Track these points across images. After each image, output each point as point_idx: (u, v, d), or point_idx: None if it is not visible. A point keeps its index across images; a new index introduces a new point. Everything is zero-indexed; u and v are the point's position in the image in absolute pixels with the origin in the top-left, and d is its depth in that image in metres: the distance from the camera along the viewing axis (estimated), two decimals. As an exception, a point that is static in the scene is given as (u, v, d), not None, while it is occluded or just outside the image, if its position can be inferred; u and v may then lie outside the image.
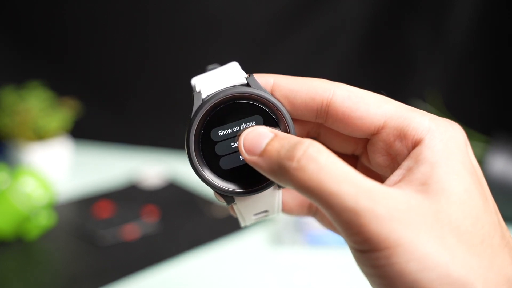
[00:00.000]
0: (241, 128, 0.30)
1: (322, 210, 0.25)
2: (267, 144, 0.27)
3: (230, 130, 0.30)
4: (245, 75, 0.31)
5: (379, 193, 0.24)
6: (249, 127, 0.29)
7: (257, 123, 0.30)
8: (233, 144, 0.30)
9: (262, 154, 0.27)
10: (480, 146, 0.76)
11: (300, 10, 0.98)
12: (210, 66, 0.32)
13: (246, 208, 0.32)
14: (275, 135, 0.27)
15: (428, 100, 0.82)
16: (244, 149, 0.28)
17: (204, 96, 0.30)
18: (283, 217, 0.72)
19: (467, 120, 0.62)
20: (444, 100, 0.81)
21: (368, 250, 0.23)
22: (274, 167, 0.26)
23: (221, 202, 0.31)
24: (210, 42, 1.01)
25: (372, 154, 0.29)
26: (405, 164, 0.26)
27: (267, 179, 0.30)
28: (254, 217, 0.33)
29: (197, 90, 0.30)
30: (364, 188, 0.24)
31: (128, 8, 1.02)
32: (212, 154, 0.30)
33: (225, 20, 1.00)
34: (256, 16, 1.00)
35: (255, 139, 0.28)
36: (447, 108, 0.78)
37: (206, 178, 0.30)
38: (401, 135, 0.27)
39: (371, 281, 0.25)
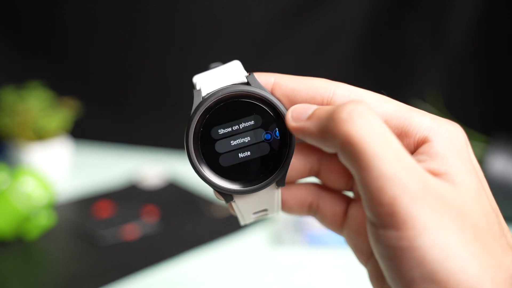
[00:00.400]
0: (241, 127, 0.30)
1: (356, 172, 0.24)
2: (315, 110, 0.27)
3: (230, 129, 0.30)
4: (245, 73, 0.31)
5: (418, 171, 0.23)
6: (250, 125, 0.29)
7: (257, 122, 0.30)
8: (233, 142, 0.30)
9: (310, 117, 0.27)
10: (480, 146, 0.76)
11: (300, 10, 0.98)
12: (212, 65, 0.32)
13: (245, 207, 0.32)
14: (321, 107, 0.27)
15: (428, 100, 0.82)
16: (292, 117, 0.28)
17: (204, 94, 0.30)
18: (283, 217, 0.72)
19: (467, 120, 0.62)
20: (444, 100, 0.81)
21: (391, 226, 0.23)
22: (322, 123, 0.26)
23: (220, 200, 0.31)
24: (210, 42, 1.01)
25: None
26: (416, 159, 0.26)
27: (266, 178, 0.30)
28: (253, 216, 0.33)
29: (198, 88, 0.30)
30: (406, 161, 0.23)
31: (128, 8, 1.02)
32: (212, 152, 0.30)
33: (225, 20, 1.00)
34: (256, 16, 1.00)
35: (303, 108, 0.28)
36: (447, 108, 0.78)
37: (205, 176, 0.30)
38: (403, 134, 0.27)
39: (386, 265, 0.24)
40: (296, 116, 0.28)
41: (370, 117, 0.24)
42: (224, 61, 0.32)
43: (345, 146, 0.24)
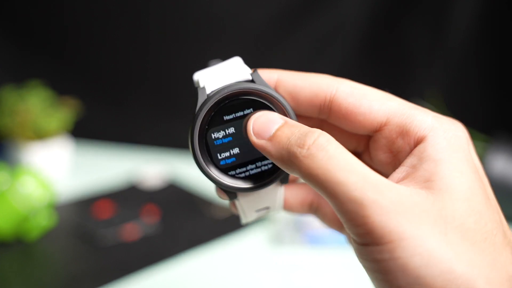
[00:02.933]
0: None
1: (327, 200, 0.25)
2: (277, 130, 0.27)
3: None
4: (249, 70, 0.31)
5: (385, 186, 0.24)
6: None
7: None
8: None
9: (271, 139, 0.27)
10: (481, 145, 0.76)
11: (301, 9, 0.98)
12: (212, 62, 0.32)
13: (248, 204, 0.32)
14: (285, 122, 0.27)
15: (428, 100, 0.82)
16: (253, 132, 0.28)
17: (208, 91, 0.30)
18: (283, 217, 0.72)
19: (467, 120, 0.62)
20: (444, 99, 0.81)
21: (371, 243, 0.23)
22: (283, 153, 0.26)
23: (223, 198, 0.31)
24: (211, 41, 1.01)
25: (374, 151, 0.30)
26: (408, 161, 0.26)
27: (270, 175, 0.30)
28: (255, 214, 0.33)
29: (201, 85, 0.30)
30: (371, 180, 0.24)
31: (129, 7, 1.02)
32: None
33: (226, 19, 1.00)
34: (258, 14, 1.00)
35: (265, 123, 0.28)
36: (448, 107, 0.78)
37: (210, 174, 0.30)
38: (404, 132, 0.27)
39: (373, 277, 0.25)
40: (258, 132, 0.28)
41: (329, 147, 0.25)
42: (226, 59, 0.32)
43: (308, 179, 0.25)
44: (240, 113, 0.29)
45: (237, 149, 0.30)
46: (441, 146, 0.26)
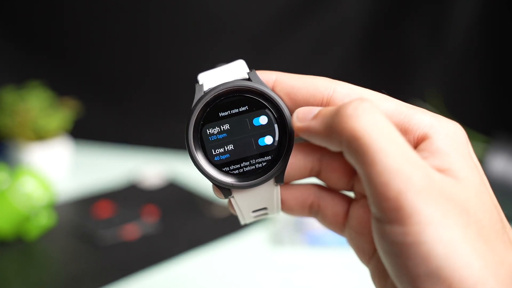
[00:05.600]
0: None
1: (361, 167, 0.24)
2: (321, 109, 0.27)
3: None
4: (247, 70, 0.31)
5: (422, 165, 0.23)
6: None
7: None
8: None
9: (316, 116, 0.27)
10: (480, 146, 0.76)
11: (301, 10, 0.98)
12: (218, 65, 0.33)
13: (244, 204, 0.32)
14: (327, 107, 0.27)
15: (428, 100, 0.82)
16: (298, 118, 0.28)
17: (206, 88, 0.30)
18: (283, 217, 0.72)
19: (467, 120, 0.62)
20: (444, 100, 0.81)
21: (397, 221, 0.23)
22: (328, 120, 0.26)
23: (219, 196, 0.31)
24: (211, 42, 1.01)
25: None
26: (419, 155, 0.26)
27: (264, 173, 0.30)
28: (253, 214, 0.33)
29: (200, 83, 0.31)
30: (411, 155, 0.23)
31: (129, 7, 1.02)
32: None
33: (226, 20, 1.00)
34: (257, 16, 1.00)
35: (309, 109, 0.28)
36: (447, 108, 0.78)
37: (203, 169, 0.30)
38: (403, 131, 0.27)
39: (390, 262, 0.24)
40: (302, 117, 0.28)
41: (375, 113, 0.24)
42: (228, 60, 0.33)
43: (350, 141, 0.24)
44: (235, 110, 0.30)
45: (232, 145, 0.30)
46: (446, 142, 0.26)
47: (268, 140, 0.30)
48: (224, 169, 0.30)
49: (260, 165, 0.30)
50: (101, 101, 1.06)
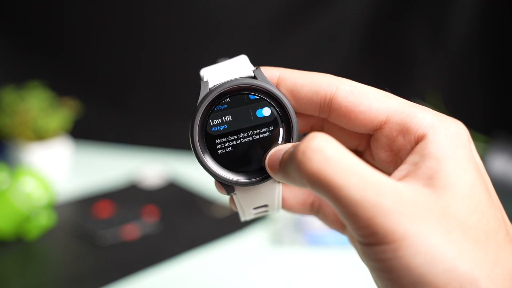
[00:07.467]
0: None
1: (329, 203, 0.25)
2: (283, 155, 0.28)
3: None
4: (252, 67, 0.31)
5: (386, 186, 0.24)
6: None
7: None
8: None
9: (280, 163, 0.28)
10: (480, 146, 0.76)
11: (301, 8, 0.98)
12: (219, 59, 0.33)
13: (246, 201, 0.32)
14: (293, 145, 0.28)
15: (428, 100, 0.82)
16: (268, 166, 0.29)
17: (211, 85, 0.30)
18: (283, 217, 0.72)
19: (467, 120, 0.62)
20: (444, 99, 0.81)
21: (374, 243, 0.23)
22: (288, 170, 0.27)
23: (221, 193, 0.31)
24: (211, 43, 1.01)
25: (375, 150, 0.30)
26: (410, 159, 0.26)
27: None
28: (253, 211, 0.33)
29: (205, 79, 0.31)
30: (372, 181, 0.24)
31: (128, 7, 1.02)
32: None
33: (227, 19, 1.00)
34: (259, 14, 1.00)
35: (275, 153, 0.29)
36: (447, 107, 0.78)
37: (207, 166, 0.30)
38: (404, 130, 0.27)
39: (377, 276, 0.25)
40: (271, 165, 0.29)
41: (325, 150, 0.24)
42: (232, 57, 0.33)
43: (311, 185, 0.25)
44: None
45: (237, 144, 0.30)
46: (442, 143, 0.26)
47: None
48: (229, 167, 0.30)
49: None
50: (101, 101, 1.06)
